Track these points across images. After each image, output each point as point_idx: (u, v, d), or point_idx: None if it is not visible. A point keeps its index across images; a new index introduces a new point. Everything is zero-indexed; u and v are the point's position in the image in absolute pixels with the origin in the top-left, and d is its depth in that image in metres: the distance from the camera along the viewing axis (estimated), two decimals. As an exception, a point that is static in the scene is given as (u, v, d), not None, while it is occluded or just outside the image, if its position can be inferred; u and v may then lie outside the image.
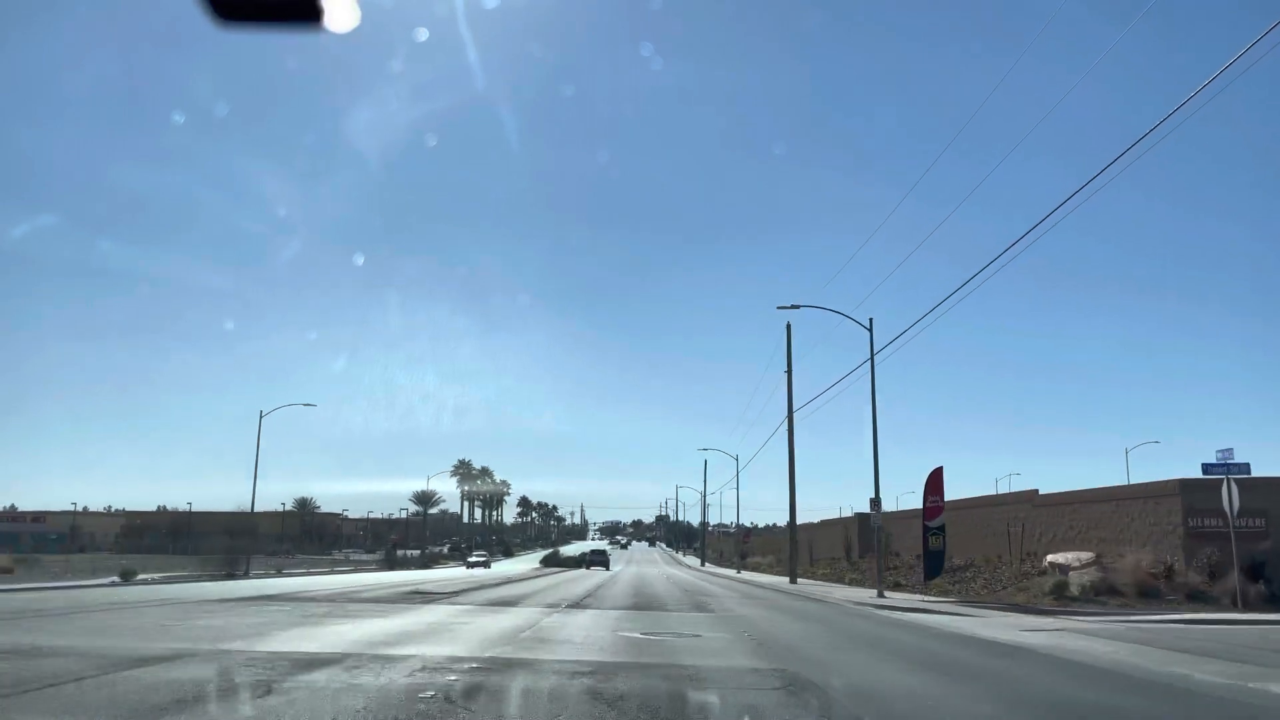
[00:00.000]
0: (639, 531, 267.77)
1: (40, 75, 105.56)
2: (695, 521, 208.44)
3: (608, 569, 75.57)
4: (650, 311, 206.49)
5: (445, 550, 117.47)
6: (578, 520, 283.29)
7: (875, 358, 31.11)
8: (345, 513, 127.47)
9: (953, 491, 33.34)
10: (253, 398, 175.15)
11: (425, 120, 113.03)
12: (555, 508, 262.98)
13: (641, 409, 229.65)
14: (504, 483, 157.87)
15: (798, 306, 34.60)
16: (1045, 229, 31.89)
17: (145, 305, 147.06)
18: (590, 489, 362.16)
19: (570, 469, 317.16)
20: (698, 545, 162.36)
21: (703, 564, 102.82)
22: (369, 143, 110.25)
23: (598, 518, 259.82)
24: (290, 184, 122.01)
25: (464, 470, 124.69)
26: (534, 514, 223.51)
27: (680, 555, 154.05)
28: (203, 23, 3.19)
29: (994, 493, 49.31)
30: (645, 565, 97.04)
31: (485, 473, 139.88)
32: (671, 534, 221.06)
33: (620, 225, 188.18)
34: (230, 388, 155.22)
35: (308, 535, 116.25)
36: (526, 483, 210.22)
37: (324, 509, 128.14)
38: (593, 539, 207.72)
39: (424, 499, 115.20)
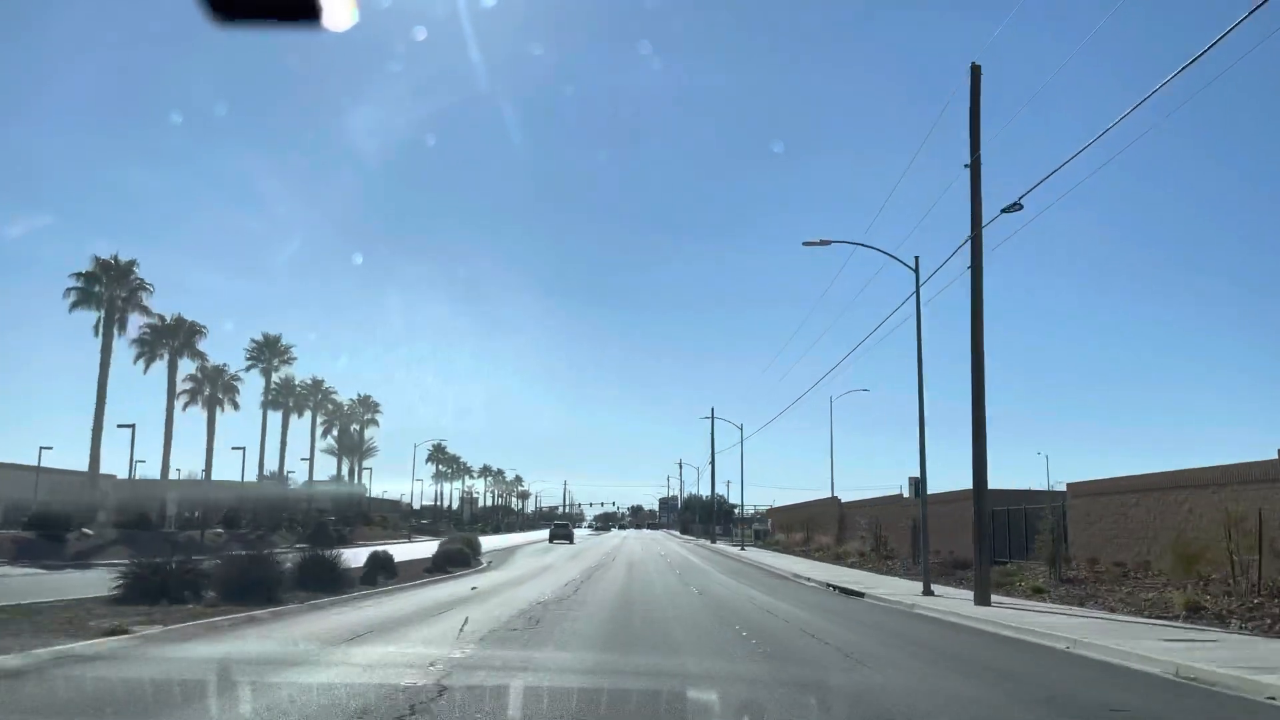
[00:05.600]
0: (639, 519, 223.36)
1: (36, 74, 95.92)
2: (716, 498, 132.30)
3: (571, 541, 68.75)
4: (650, 308, 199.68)
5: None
6: (557, 504, 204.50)
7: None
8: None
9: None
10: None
11: (424, 119, 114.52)
12: (519, 479, 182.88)
13: (641, 407, 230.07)
14: (363, 401, 76.19)
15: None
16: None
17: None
18: (591, 487, 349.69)
19: (569, 466, 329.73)
20: (755, 530, 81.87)
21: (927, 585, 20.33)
22: (368, 142, 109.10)
23: (592, 501, 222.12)
24: (289, 183, 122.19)
25: (162, 335, 42.77)
26: (471, 481, 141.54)
27: (736, 547, 68.40)
28: (201, 21, 3.21)
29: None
30: (654, 591, 16.37)
31: (286, 357, 57.89)
32: (691, 515, 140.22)
33: (620, 222, 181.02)
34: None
35: None
36: (540, 479, 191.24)
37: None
38: (587, 527, 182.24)
39: None
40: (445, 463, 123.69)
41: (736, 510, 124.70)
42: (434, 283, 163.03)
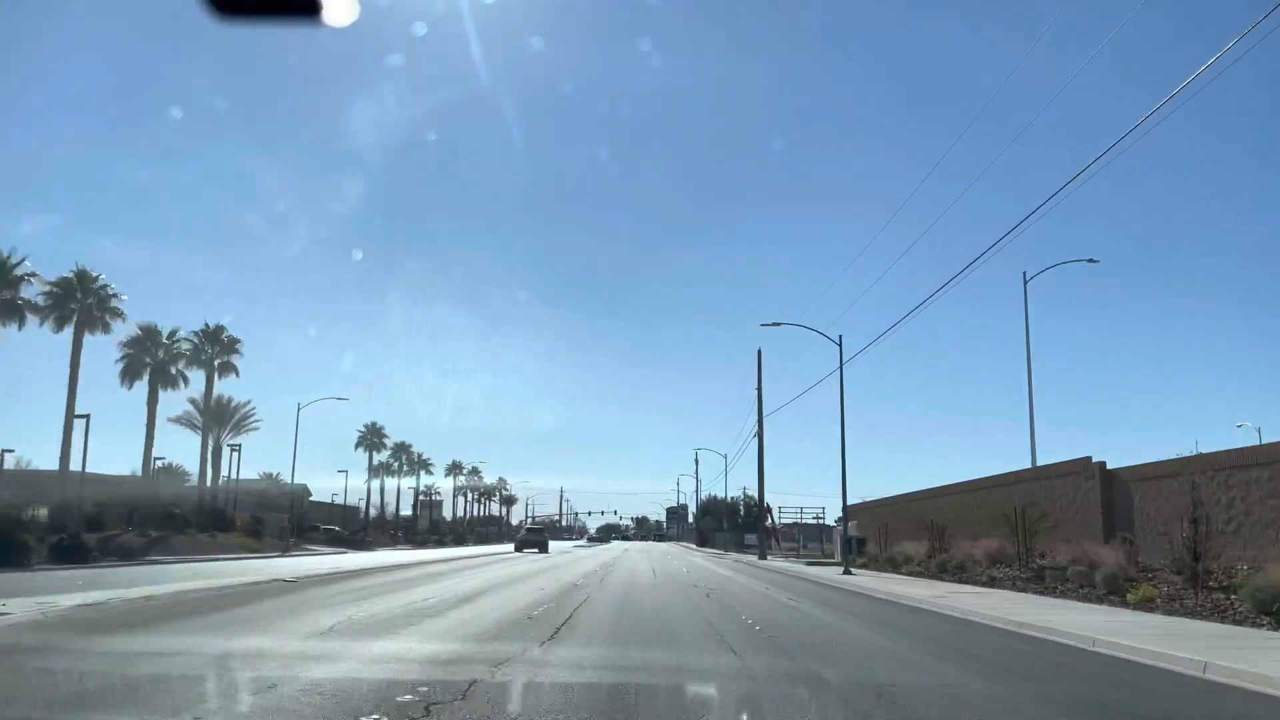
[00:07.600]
0: (643, 530, 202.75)
1: (37, 72, 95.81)
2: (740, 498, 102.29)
3: (545, 550, 64.36)
4: (650, 307, 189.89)
5: None
6: (554, 514, 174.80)
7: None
8: None
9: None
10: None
11: (424, 116, 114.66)
12: (503, 481, 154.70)
13: (642, 409, 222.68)
14: (209, 335, 46.45)
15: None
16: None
17: (143, 302, 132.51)
18: (591, 490, 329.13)
19: (570, 469, 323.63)
20: (840, 538, 50.55)
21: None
22: (368, 138, 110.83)
23: (592, 510, 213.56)
24: (289, 180, 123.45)
25: None
26: (430, 479, 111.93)
27: (830, 569, 37.52)
28: (201, 17, 3.20)
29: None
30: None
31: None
32: (715, 522, 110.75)
33: (619, 221, 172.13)
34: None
35: None
36: (525, 483, 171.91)
37: None
38: (582, 539, 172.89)
39: None
40: (395, 454, 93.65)
41: (800, 509, 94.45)
42: (431, 280, 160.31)
